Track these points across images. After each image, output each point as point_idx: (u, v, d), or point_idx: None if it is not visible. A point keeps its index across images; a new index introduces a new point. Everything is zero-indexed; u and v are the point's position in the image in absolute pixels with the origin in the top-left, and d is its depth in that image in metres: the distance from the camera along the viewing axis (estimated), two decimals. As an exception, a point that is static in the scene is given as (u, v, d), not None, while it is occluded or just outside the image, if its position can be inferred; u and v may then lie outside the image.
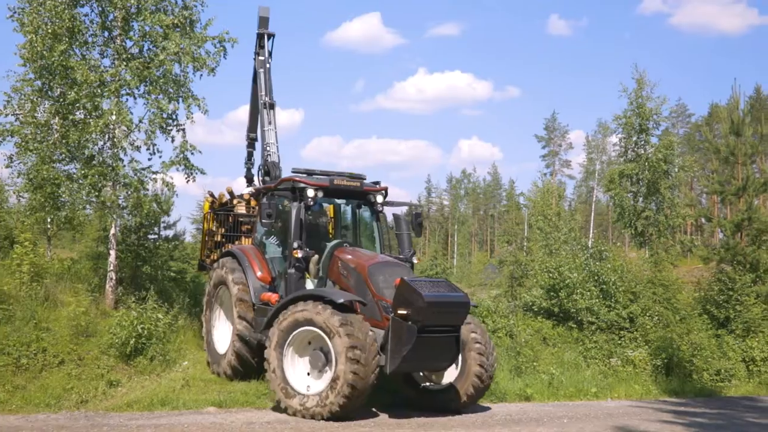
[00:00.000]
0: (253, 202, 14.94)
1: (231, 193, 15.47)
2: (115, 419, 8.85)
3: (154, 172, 13.95)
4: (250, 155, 16.52)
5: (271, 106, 14.40)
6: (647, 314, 16.79)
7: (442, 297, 9.16)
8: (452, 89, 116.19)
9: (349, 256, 10.45)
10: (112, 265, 13.84)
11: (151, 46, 14.24)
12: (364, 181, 11.56)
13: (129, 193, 13.88)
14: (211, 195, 15.73)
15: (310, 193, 10.69)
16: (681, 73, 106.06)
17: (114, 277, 13.83)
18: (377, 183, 11.68)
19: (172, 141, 14.24)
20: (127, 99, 13.91)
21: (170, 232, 17.97)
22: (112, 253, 13.87)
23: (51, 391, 10.03)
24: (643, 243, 24.47)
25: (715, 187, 21.97)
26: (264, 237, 11.87)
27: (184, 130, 14.11)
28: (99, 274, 14.48)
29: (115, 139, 13.71)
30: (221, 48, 14.35)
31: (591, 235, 41.74)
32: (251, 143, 16.40)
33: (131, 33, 14.33)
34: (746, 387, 15.72)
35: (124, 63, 13.69)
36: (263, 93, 14.59)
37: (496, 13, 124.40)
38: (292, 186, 10.91)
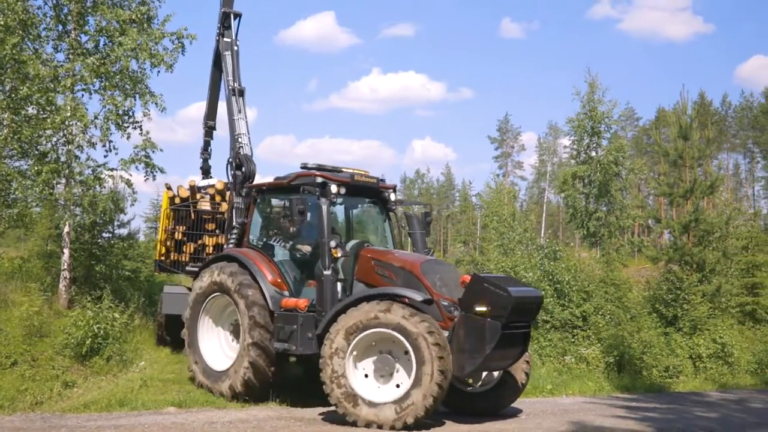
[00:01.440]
0: (218, 198, 14.10)
1: (193, 188, 14.37)
2: (73, 420, 8.69)
3: (110, 169, 13.74)
4: (207, 145, 15.59)
5: (241, 93, 13.39)
6: (599, 313, 17.17)
7: (525, 292, 8.96)
8: (406, 90, 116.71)
9: (390, 255, 9.90)
10: (65, 263, 13.57)
11: (107, 42, 14.02)
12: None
13: (84, 190, 13.61)
14: (168, 188, 14.39)
15: (334, 189, 9.87)
16: (629, 77, 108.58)
17: (68, 276, 13.56)
18: (382, 180, 11.20)
19: (128, 138, 14.07)
20: (82, 95, 13.68)
21: (124, 231, 17.70)
22: (66, 251, 13.60)
23: (4, 393, 9.77)
24: (594, 243, 25.01)
25: (664, 189, 22.60)
26: (265, 238, 10.99)
27: (141, 127, 13.92)
28: (51, 273, 14.17)
29: (70, 136, 13.43)
30: (179, 44, 14.22)
31: (543, 236, 42.44)
32: (209, 132, 15.53)
33: (87, 27, 14.08)
34: (693, 383, 16.23)
35: (80, 58, 13.43)
36: (231, 78, 13.54)
37: (450, 15, 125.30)
38: (314, 181, 9.92)
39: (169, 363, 12.91)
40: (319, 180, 9.91)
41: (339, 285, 9.68)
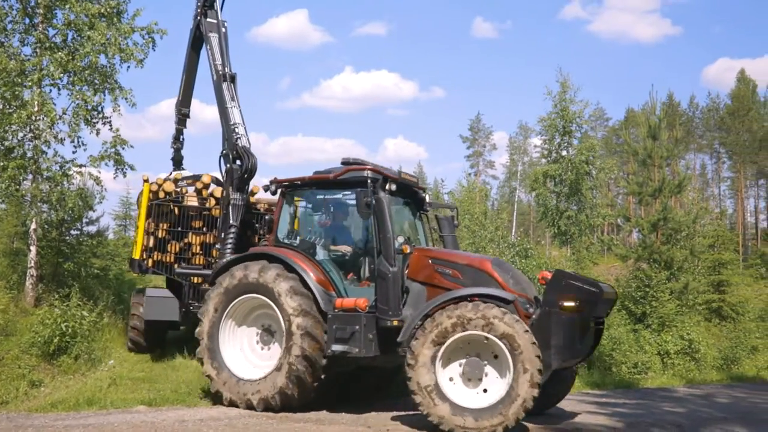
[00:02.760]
0: (204, 193, 12.94)
1: (179, 181, 13.17)
2: (40, 420, 8.54)
3: (78, 166, 13.53)
4: (179, 134, 14.48)
5: (232, 79, 12.35)
6: (570, 310, 17.30)
7: (607, 288, 8.90)
8: (378, 88, 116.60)
9: (452, 254, 9.63)
10: (32, 261, 13.34)
11: (75, 36, 13.80)
12: None
13: (52, 186, 13.39)
14: (146, 181, 13.00)
15: (391, 186, 9.38)
16: (598, 78, 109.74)
17: (34, 274, 13.34)
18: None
19: (98, 134, 13.89)
20: (50, 90, 13.45)
21: (93, 228, 17.46)
22: (33, 249, 13.37)
23: (-31, 393, 9.59)
24: (565, 242, 25.25)
25: (633, 188, 22.91)
26: (299, 236, 10.34)
27: (110, 123, 13.74)
28: (18, 271, 13.89)
29: (37, 131, 13.21)
30: (150, 39, 14.05)
31: (514, 234, 42.70)
32: (182, 120, 14.36)
33: (55, 21, 13.85)
34: (661, 379, 16.47)
35: (48, 52, 13.20)
36: (219, 63, 12.42)
37: (422, 14, 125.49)
38: (369, 176, 9.36)
39: (138, 362, 12.75)
40: (369, 174, 9.39)
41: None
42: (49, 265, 14.28)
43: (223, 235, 11.33)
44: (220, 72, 12.32)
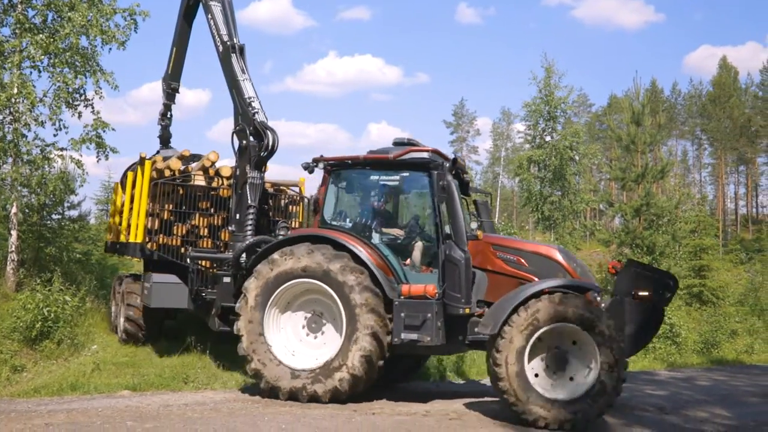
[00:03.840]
0: (212, 172, 12.04)
1: (187, 158, 12.46)
2: (23, 405, 8.46)
3: (59, 149, 13.38)
4: (167, 110, 13.86)
5: (241, 50, 11.54)
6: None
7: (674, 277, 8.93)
8: (362, 73, 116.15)
9: (514, 241, 9.47)
10: (12, 246, 13.22)
11: (55, 17, 13.60)
12: None
13: (32, 170, 13.23)
14: (144, 158, 12.18)
15: (457, 169, 9.03)
16: (582, 64, 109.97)
17: (15, 259, 13.23)
18: None
19: (79, 117, 13.72)
20: (30, 72, 13.25)
21: (75, 213, 17.34)
22: (13, 233, 13.26)
23: (-50, 378, 9.49)
24: (549, 227, 25.39)
25: (617, 173, 23.07)
26: (349, 219, 9.79)
27: (92, 105, 13.57)
28: (-2, 256, 13.79)
29: (16, 114, 13.02)
30: (132, 21, 13.88)
31: (497, 220, 42.87)
32: (171, 95, 13.72)
33: (34, 2, 13.63)
34: (643, 362, 16.59)
35: (28, 34, 12.99)
36: (224, 34, 11.58)
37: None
38: (430, 158, 9.08)
39: (122, 346, 12.69)
40: (426, 156, 9.08)
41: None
42: (31, 250, 14.17)
43: (239, 216, 10.69)
44: (228, 43, 11.51)
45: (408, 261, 9.31)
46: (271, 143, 10.72)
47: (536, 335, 7.82)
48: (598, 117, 65.04)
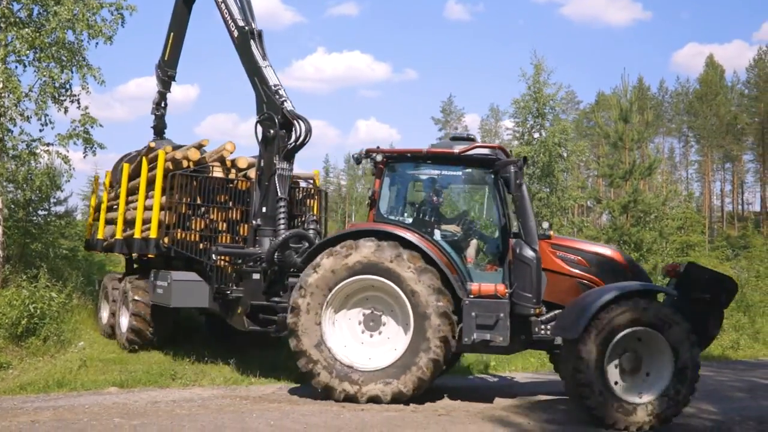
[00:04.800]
0: (228, 163, 11.61)
1: (200, 147, 11.75)
2: (8, 402, 8.38)
3: (46, 144, 13.27)
4: (162, 99, 13.45)
5: (259, 36, 11.01)
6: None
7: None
8: (351, 69, 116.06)
9: (573, 241, 9.37)
10: (-2, 241, 13.10)
11: (41, 11, 13.48)
12: None
13: (18, 165, 13.12)
14: (152, 148, 11.79)
15: (515, 165, 8.76)
16: (570, 61, 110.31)
17: (1, 255, 13.12)
18: None
19: (66, 112, 13.62)
20: (16, 66, 13.13)
21: (61, 209, 17.21)
22: (-1, 229, 13.13)
23: (-66, 375, 9.40)
24: (537, 223, 25.43)
25: (605, 170, 23.19)
26: (407, 214, 9.34)
27: (78, 100, 13.47)
28: (-17, 252, 13.65)
29: (2, 109, 12.90)
30: (118, 16, 13.80)
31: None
32: (167, 83, 13.30)
33: (19, -5, 13.49)
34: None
35: (13, 28, 12.86)
36: (240, 18, 11.03)
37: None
38: (493, 155, 8.87)
39: (109, 343, 12.67)
40: (491, 152, 8.85)
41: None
42: (16, 246, 14.08)
43: (266, 210, 10.27)
44: (246, 29, 10.96)
45: (470, 259, 9.11)
46: (304, 133, 10.36)
47: (616, 339, 7.68)
48: (586, 114, 65.25)
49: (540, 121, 25.14)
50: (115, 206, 13.14)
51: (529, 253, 8.54)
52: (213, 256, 10.42)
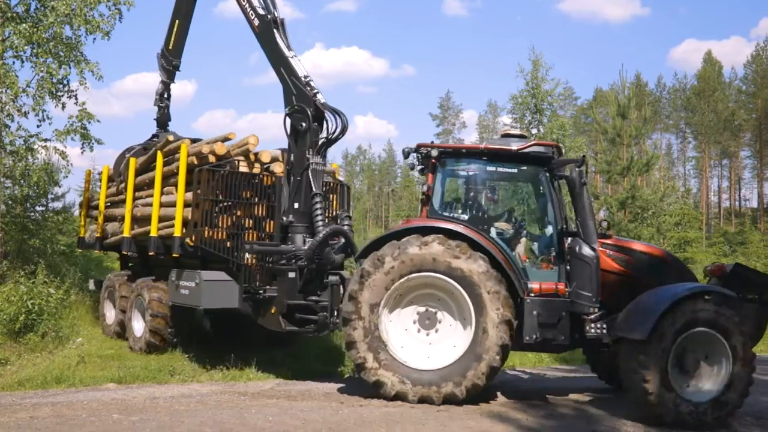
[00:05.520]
0: (252, 157, 11.05)
1: (225, 141, 10.98)
2: (7, 398, 8.38)
3: (43, 140, 13.25)
4: (166, 90, 13.03)
5: (282, 24, 10.56)
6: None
7: None
8: (349, 65, 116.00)
9: (626, 239, 9.47)
10: (-5, 237, 13.07)
11: (39, 6, 13.42)
12: None
13: (15, 161, 13.09)
14: (168, 141, 11.19)
15: (579, 164, 8.74)
16: (568, 57, 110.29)
17: (-1, 251, 13.08)
18: None
19: (63, 108, 13.57)
20: (13, 62, 13.09)
21: (59, 204, 17.18)
22: (-4, 225, 13.10)
23: (-68, 371, 9.38)
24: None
25: (603, 166, 23.21)
26: (462, 211, 9.16)
27: (76, 96, 13.44)
28: (-19, 248, 13.63)
29: (0, 104, 12.87)
30: (116, 11, 13.74)
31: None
32: (171, 73, 12.84)
33: (17, -10, 13.45)
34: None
35: (11, 23, 12.81)
36: (261, 7, 10.63)
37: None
38: (550, 153, 8.86)
39: (107, 339, 12.66)
40: (548, 150, 8.85)
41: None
42: (14, 242, 14.04)
43: (297, 205, 9.94)
44: (268, 17, 10.49)
45: (524, 257, 9.05)
46: (341, 126, 10.06)
47: (679, 340, 7.69)
48: (583, 110, 65.29)
49: (538, 117, 25.16)
50: (117, 202, 12.89)
51: (589, 252, 8.58)
52: (246, 254, 10.01)
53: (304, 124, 9.96)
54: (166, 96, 13.17)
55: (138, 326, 11.68)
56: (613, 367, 9.23)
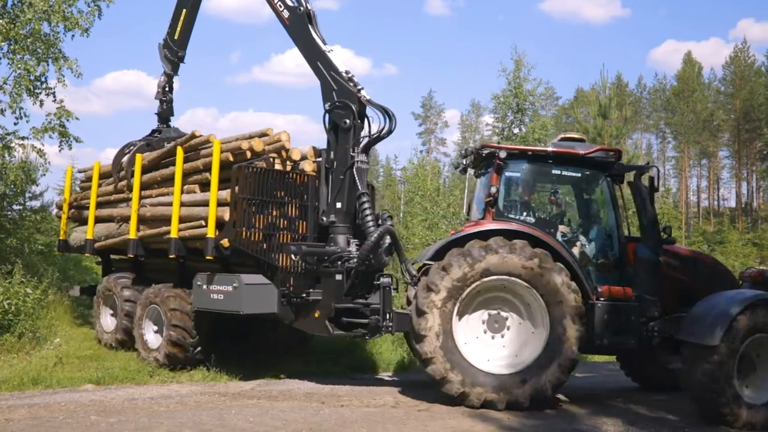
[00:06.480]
0: (284, 154, 10.36)
1: (262, 136, 10.30)
2: (-18, 400, 8.27)
3: (20, 138, 13.08)
4: (169, 82, 12.41)
5: (314, 17, 10.26)
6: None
7: None
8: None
9: (678, 246, 9.57)
10: (-28, 237, 12.90)
11: (16, 2, 13.27)
12: None
13: (-9, 159, 12.93)
14: (193, 135, 10.48)
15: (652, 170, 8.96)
16: (549, 57, 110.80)
17: (-26, 250, 12.90)
18: None
19: (41, 105, 13.42)
20: (-11, 58, 12.93)
21: (36, 203, 16.99)
22: (-27, 224, 12.93)
23: None
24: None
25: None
26: (527, 213, 9.14)
27: (54, 93, 13.29)
28: (-44, 247, 13.44)
29: (-25, 101, 12.72)
30: (95, 7, 13.63)
31: (466, 211, 43.24)
32: (176, 65, 12.26)
33: (-7, -14, 13.27)
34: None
35: (-13, 19, 12.66)
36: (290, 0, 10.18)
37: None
38: (613, 159, 9.07)
39: (85, 339, 12.52)
40: (610, 156, 9.02)
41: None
42: (-10, 241, 13.83)
43: (340, 205, 9.62)
44: (300, 9, 10.16)
45: (586, 260, 9.05)
46: (389, 126, 9.80)
47: (744, 344, 7.74)
48: (565, 110, 65.63)
49: (520, 117, 25.24)
50: (115, 202, 12.04)
51: (654, 257, 8.75)
52: (293, 256, 9.54)
53: (348, 121, 9.64)
54: (168, 89, 12.51)
55: (152, 338, 10.72)
56: (649, 368, 9.84)
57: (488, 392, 8.10)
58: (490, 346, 8.53)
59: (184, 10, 11.98)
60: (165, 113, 12.54)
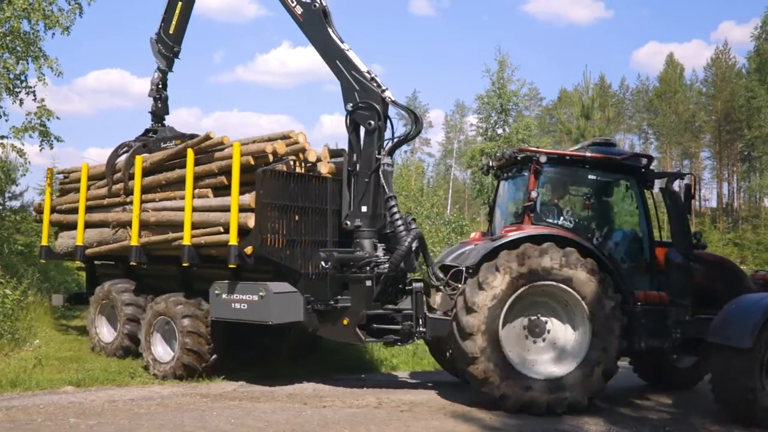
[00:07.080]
0: (302, 156, 9.95)
1: (285, 138, 9.85)
2: (-41, 403, 8.17)
3: (0, 137, 12.93)
4: (163, 78, 11.93)
5: (329, 15, 9.97)
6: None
7: None
8: (316, 64, 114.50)
9: (706, 253, 9.67)
10: (-50, 237, 12.73)
11: (-6, -1, 13.11)
12: None
13: (-30, 158, 12.79)
14: (208, 137, 9.87)
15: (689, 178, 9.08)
16: (533, 58, 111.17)
17: (-48, 251, 12.74)
18: None
19: (21, 104, 13.29)
20: (-32, 56, 12.77)
21: (16, 203, 16.81)
22: (-49, 224, 12.76)
23: None
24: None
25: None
26: (563, 218, 9.03)
27: (35, 92, 13.15)
28: (-66, 248, 13.27)
29: (-46, 100, 12.56)
30: (76, 5, 13.51)
31: (449, 211, 43.21)
32: (171, 61, 11.84)
33: (-29, -17, 13.11)
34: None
35: (-35, 16, 12.51)
36: None
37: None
38: (645, 165, 9.22)
39: (65, 341, 12.41)
40: (643, 162, 9.19)
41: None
42: (-31, 242, 13.67)
43: (366, 209, 9.35)
44: (316, 5, 9.85)
45: (618, 265, 9.03)
46: (417, 126, 9.72)
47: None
48: (548, 111, 65.92)
49: (504, 117, 25.32)
50: (109, 206, 11.24)
51: (686, 262, 8.96)
52: (323, 263, 9.20)
53: (372, 123, 9.36)
54: (162, 86, 11.99)
55: (162, 350, 10.12)
56: (659, 367, 10.13)
57: (527, 396, 8.06)
58: (531, 350, 8.50)
59: (180, 3, 11.54)
60: (159, 111, 12.05)
